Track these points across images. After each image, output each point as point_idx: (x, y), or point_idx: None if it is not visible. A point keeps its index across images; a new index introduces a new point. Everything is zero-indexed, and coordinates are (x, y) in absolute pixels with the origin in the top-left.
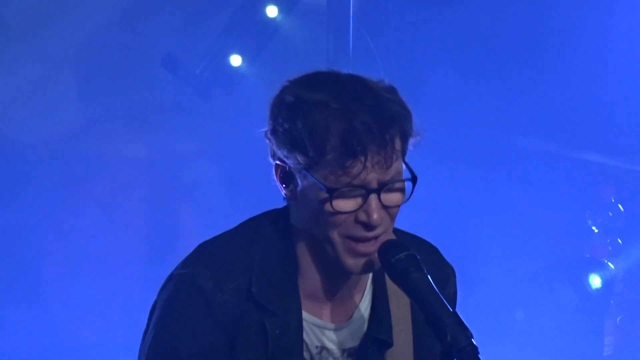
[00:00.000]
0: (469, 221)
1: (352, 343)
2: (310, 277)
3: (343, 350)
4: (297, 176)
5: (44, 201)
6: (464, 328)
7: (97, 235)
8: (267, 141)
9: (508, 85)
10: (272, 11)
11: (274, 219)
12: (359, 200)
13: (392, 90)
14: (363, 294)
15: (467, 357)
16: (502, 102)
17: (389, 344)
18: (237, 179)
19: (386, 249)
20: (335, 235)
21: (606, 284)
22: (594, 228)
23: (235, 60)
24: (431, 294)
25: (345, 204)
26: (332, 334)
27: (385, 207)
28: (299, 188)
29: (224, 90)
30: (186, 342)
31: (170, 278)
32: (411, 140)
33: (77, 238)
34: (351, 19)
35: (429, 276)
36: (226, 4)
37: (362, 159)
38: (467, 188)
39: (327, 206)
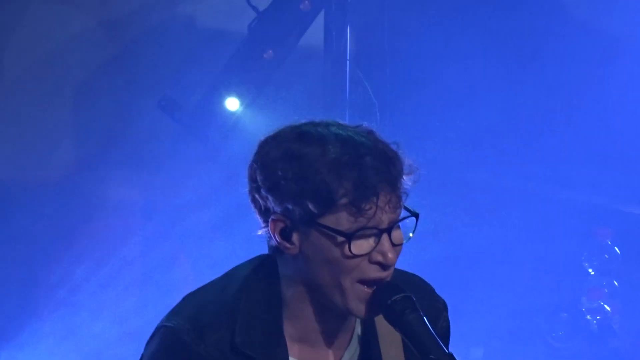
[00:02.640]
0: (461, 262)
1: None
2: (299, 323)
3: None
4: (302, 228)
5: (37, 244)
6: None
7: (92, 280)
8: (257, 199)
9: (504, 126)
10: (269, 54)
11: (261, 266)
12: (372, 241)
13: (374, 133)
14: (352, 336)
15: None
16: (498, 143)
17: None
18: (234, 222)
19: (382, 290)
20: (347, 282)
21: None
22: (590, 270)
23: (232, 103)
24: (427, 335)
25: (361, 247)
26: None
27: (394, 246)
28: (305, 240)
29: (220, 133)
30: None
31: (156, 331)
32: (406, 179)
33: (71, 282)
34: (348, 62)
35: (424, 317)
36: (223, 47)
37: (375, 199)
38: (459, 228)
39: (345, 251)
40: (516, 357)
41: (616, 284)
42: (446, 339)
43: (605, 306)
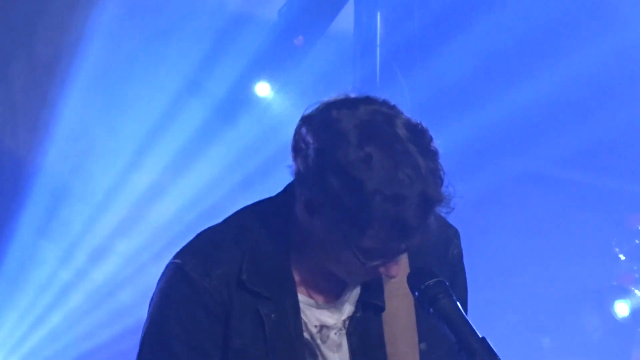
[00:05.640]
0: (496, 247)
1: (349, 312)
2: (305, 264)
3: (343, 322)
4: (331, 224)
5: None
6: (493, 354)
7: (120, 264)
8: (304, 162)
9: (533, 112)
10: (299, 40)
11: (275, 206)
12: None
13: (433, 152)
14: None
15: None
16: (528, 130)
17: (381, 308)
18: None
19: (415, 275)
20: (343, 273)
21: (634, 311)
22: (621, 256)
23: (262, 87)
24: (460, 319)
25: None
26: (329, 312)
27: None
28: (327, 228)
29: (249, 117)
30: (177, 331)
31: (165, 268)
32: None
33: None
34: (378, 47)
35: (458, 302)
36: (253, 31)
37: (405, 242)
38: (493, 213)
39: (356, 261)
40: (576, 341)
41: None
42: (459, 265)
43: (636, 291)
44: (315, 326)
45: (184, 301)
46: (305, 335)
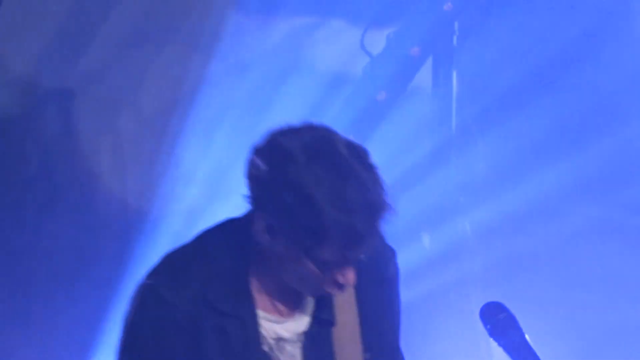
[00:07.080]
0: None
1: (304, 326)
2: (264, 282)
3: (298, 335)
4: (291, 242)
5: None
6: None
7: None
8: (256, 186)
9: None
10: (381, 95)
11: (236, 230)
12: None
13: (373, 166)
14: None
15: None
16: (608, 176)
17: (332, 323)
18: None
19: (487, 310)
20: (303, 287)
21: None
22: None
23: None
24: (527, 351)
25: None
26: (286, 325)
27: None
28: (288, 246)
29: None
30: (151, 349)
31: (137, 289)
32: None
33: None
34: (454, 104)
35: (526, 336)
36: (340, 89)
37: (360, 250)
38: (569, 261)
39: (316, 273)
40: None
41: None
42: (396, 286)
43: None
44: (273, 339)
45: (158, 319)
46: (265, 347)
